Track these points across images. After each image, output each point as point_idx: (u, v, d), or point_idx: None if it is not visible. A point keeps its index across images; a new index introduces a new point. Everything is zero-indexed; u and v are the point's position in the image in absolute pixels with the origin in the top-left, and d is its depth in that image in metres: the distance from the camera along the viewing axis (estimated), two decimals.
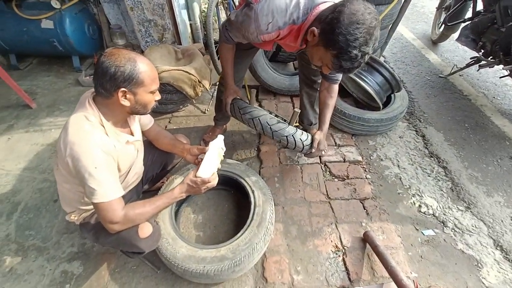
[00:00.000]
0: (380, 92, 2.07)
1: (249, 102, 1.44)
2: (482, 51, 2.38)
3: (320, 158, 1.88)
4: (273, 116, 1.39)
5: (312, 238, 1.46)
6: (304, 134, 1.39)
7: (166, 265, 1.20)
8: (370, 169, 1.86)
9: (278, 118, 1.42)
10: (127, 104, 0.92)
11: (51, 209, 1.57)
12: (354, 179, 1.77)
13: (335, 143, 2.02)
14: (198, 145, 1.95)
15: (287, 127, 1.35)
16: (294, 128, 1.38)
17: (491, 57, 2.30)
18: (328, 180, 1.77)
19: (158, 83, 0.98)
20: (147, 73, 0.91)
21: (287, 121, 1.44)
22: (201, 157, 1.16)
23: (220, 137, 1.17)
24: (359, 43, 0.85)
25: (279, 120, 1.37)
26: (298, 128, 1.39)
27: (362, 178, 1.78)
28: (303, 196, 1.66)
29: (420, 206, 1.65)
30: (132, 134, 1.09)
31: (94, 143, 0.88)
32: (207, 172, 1.06)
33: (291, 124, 1.40)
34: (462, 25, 2.64)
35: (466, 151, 2.02)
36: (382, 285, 1.27)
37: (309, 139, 1.39)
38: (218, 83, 1.80)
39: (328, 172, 1.82)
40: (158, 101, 1.02)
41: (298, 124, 1.70)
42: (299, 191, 1.68)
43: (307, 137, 1.39)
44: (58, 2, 2.33)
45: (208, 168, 1.06)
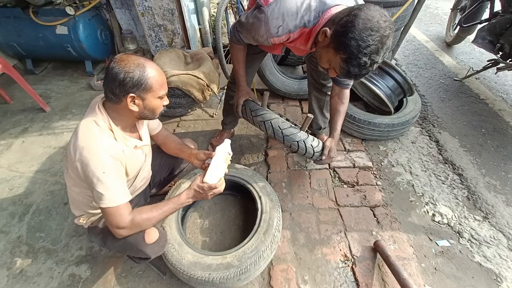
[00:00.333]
0: (391, 96, 2.01)
1: (261, 105, 1.41)
2: (500, 53, 2.29)
3: (329, 164, 1.85)
4: (284, 120, 1.36)
5: (320, 246, 1.42)
6: (316, 140, 1.36)
7: (172, 271, 1.19)
8: (381, 175, 1.81)
9: (289, 122, 1.39)
10: (135, 109, 0.93)
11: (61, 211, 1.60)
12: (364, 185, 1.73)
13: (345, 148, 1.98)
14: (206, 149, 1.98)
15: (298, 132, 1.33)
16: (306, 133, 1.35)
17: (510, 59, 2.21)
18: (337, 186, 1.73)
19: (166, 89, 0.98)
20: (155, 78, 0.91)
21: (298, 125, 1.41)
22: (208, 161, 1.15)
23: (227, 141, 1.16)
24: (370, 50, 0.82)
25: (291, 125, 1.34)
26: (309, 134, 1.37)
27: (372, 185, 1.73)
28: (311, 203, 1.62)
29: (434, 215, 1.59)
30: (140, 139, 1.09)
31: (103, 148, 0.89)
32: (214, 178, 1.05)
33: (303, 130, 1.37)
34: (479, 26, 2.54)
35: (483, 157, 1.93)
36: None
37: (320, 146, 1.36)
38: (226, 87, 1.80)
39: (337, 178, 1.77)
40: (166, 105, 1.03)
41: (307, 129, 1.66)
42: (307, 197, 1.65)
43: (318, 143, 1.36)
44: (72, 8, 2.40)
45: (215, 174, 1.06)
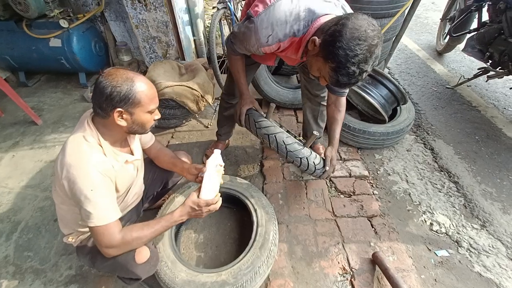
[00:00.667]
0: (385, 105, 2.02)
1: (265, 116, 1.36)
2: (490, 61, 2.33)
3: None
4: (289, 135, 1.33)
5: (318, 259, 1.39)
6: (318, 157, 1.35)
7: None
8: (377, 184, 1.79)
9: (291, 135, 1.37)
10: (123, 124, 0.91)
11: (51, 228, 1.55)
12: (360, 195, 1.71)
13: (340, 157, 1.97)
14: (201, 160, 1.96)
15: (302, 148, 1.31)
16: (309, 150, 1.34)
17: (500, 67, 2.25)
18: (333, 196, 1.71)
19: (157, 103, 0.97)
20: (144, 92, 0.89)
21: (302, 140, 1.39)
22: (201, 175, 1.12)
23: (217, 152, 1.10)
24: (359, 59, 0.83)
25: (296, 141, 1.32)
26: (308, 148, 1.35)
27: (369, 194, 1.71)
28: (308, 214, 1.60)
29: (431, 224, 1.57)
30: (132, 153, 1.07)
31: (92, 164, 0.86)
32: (209, 193, 1.02)
33: (307, 146, 1.35)
34: (468, 35, 2.60)
35: (478, 165, 1.94)
36: None
37: (321, 163, 1.35)
38: (220, 98, 1.79)
39: (334, 188, 1.76)
40: (161, 116, 1.01)
41: (301, 138, 1.63)
42: (303, 208, 1.62)
43: (320, 161, 1.35)
44: (66, 21, 2.40)
45: (210, 188, 1.02)
